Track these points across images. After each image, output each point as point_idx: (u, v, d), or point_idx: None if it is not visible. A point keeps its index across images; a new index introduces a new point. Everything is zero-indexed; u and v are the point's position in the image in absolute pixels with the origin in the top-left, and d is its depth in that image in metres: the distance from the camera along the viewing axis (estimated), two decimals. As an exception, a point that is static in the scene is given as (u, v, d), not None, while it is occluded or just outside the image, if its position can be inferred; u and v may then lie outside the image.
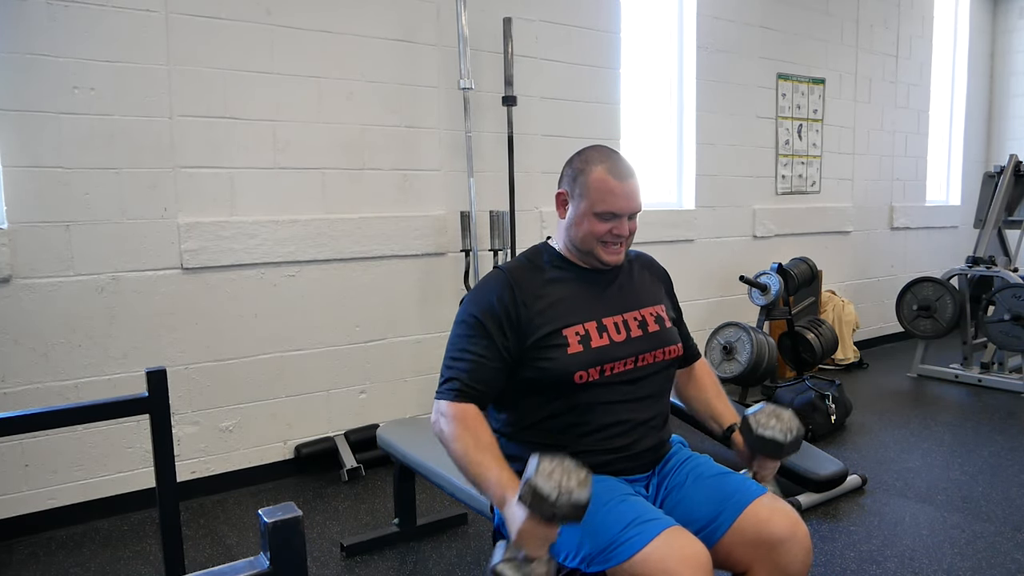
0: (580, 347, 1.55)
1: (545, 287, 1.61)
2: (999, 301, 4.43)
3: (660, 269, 1.85)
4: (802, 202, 5.19)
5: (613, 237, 1.61)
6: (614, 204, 1.58)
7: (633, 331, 1.63)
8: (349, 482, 3.18)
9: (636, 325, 1.64)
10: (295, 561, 0.91)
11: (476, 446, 1.45)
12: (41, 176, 2.66)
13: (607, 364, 1.56)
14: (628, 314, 1.65)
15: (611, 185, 1.58)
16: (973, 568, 2.42)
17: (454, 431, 1.48)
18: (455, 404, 1.53)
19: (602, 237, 1.60)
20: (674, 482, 1.62)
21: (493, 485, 1.40)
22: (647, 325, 1.65)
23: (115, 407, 1.78)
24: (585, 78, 3.97)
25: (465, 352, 1.56)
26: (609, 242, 1.62)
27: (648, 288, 1.75)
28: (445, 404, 1.54)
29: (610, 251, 1.63)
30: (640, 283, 1.74)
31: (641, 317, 1.66)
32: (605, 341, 1.58)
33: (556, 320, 1.57)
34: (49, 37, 2.63)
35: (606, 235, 1.60)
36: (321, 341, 3.28)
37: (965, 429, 3.83)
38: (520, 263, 1.68)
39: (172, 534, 1.72)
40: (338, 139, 3.24)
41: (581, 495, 1.24)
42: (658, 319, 1.68)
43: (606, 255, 1.62)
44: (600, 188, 1.58)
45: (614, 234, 1.60)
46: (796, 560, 1.45)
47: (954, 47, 6.48)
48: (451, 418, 1.50)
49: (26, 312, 2.67)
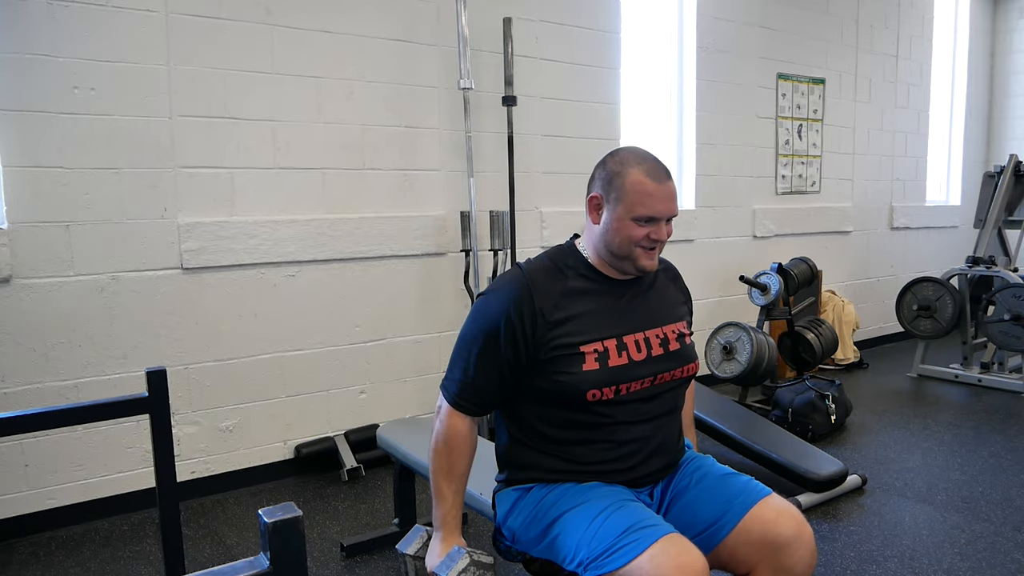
0: (596, 364, 1.52)
1: (566, 298, 1.55)
2: (999, 301, 4.43)
3: (684, 285, 1.80)
4: (802, 202, 5.19)
5: (650, 242, 1.55)
6: (653, 207, 1.52)
7: (654, 350, 1.59)
8: (349, 482, 3.18)
9: (658, 343, 1.60)
10: (295, 561, 0.91)
11: (448, 474, 1.58)
12: (41, 176, 2.66)
13: (623, 384, 1.53)
14: (651, 331, 1.60)
15: (650, 188, 1.51)
16: (973, 568, 2.42)
17: (438, 447, 1.58)
18: (452, 414, 1.58)
19: (640, 242, 1.54)
20: (680, 486, 1.62)
21: (439, 516, 1.58)
22: (668, 343, 1.62)
23: (115, 407, 1.78)
24: (585, 78, 3.97)
25: (468, 364, 1.55)
26: (647, 247, 1.56)
27: (672, 304, 1.71)
28: (445, 407, 1.59)
29: (648, 256, 1.57)
30: (665, 297, 1.70)
31: (663, 335, 1.62)
32: (624, 360, 1.54)
33: (574, 335, 1.52)
34: (49, 37, 2.63)
35: (644, 240, 1.54)
36: (321, 341, 3.28)
37: (965, 429, 3.83)
38: (543, 264, 1.60)
39: (172, 534, 1.72)
40: (338, 139, 3.24)
41: None
42: (679, 337, 1.65)
43: (644, 260, 1.57)
44: (639, 191, 1.51)
45: (652, 239, 1.55)
46: (801, 561, 1.45)
47: (954, 47, 6.48)
48: (442, 432, 1.58)
49: (26, 312, 2.67)
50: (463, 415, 1.57)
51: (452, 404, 1.57)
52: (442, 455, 1.57)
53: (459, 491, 1.59)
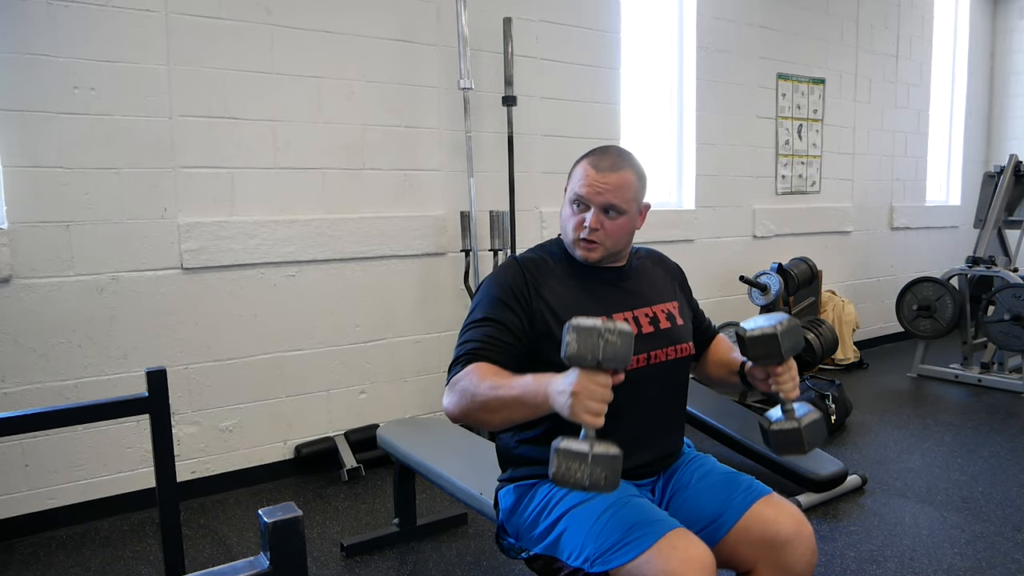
0: None
1: (554, 280, 1.59)
2: (999, 301, 4.43)
3: (672, 265, 1.82)
4: (802, 202, 5.19)
5: (580, 229, 1.56)
6: (584, 189, 1.55)
7: (644, 327, 1.60)
8: (349, 482, 3.18)
9: (648, 322, 1.61)
10: (295, 561, 0.91)
11: (497, 384, 1.36)
12: (41, 176, 2.66)
13: None
14: (640, 310, 1.62)
15: (587, 173, 1.56)
16: (973, 568, 2.42)
17: (472, 379, 1.39)
18: (464, 367, 1.45)
19: (573, 226, 1.58)
20: (680, 483, 1.62)
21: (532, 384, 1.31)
22: (659, 322, 1.62)
23: (115, 407, 1.78)
24: (585, 78, 3.97)
25: (484, 321, 1.51)
26: (580, 237, 1.57)
27: (661, 285, 1.72)
28: (460, 369, 1.45)
29: (583, 246, 1.57)
30: (652, 280, 1.71)
31: (653, 314, 1.63)
32: None
33: (563, 313, 1.52)
34: (49, 37, 2.63)
35: (575, 225, 1.57)
36: (321, 341, 3.28)
37: (965, 429, 3.83)
38: (533, 254, 1.67)
39: (172, 534, 1.72)
40: (338, 139, 3.24)
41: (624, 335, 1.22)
42: (670, 316, 1.65)
43: (579, 249, 1.59)
44: (578, 176, 1.59)
45: (582, 225, 1.56)
46: (802, 560, 1.46)
47: (954, 47, 6.48)
48: (463, 375, 1.42)
49: (26, 312, 2.67)
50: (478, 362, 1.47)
51: (473, 353, 1.46)
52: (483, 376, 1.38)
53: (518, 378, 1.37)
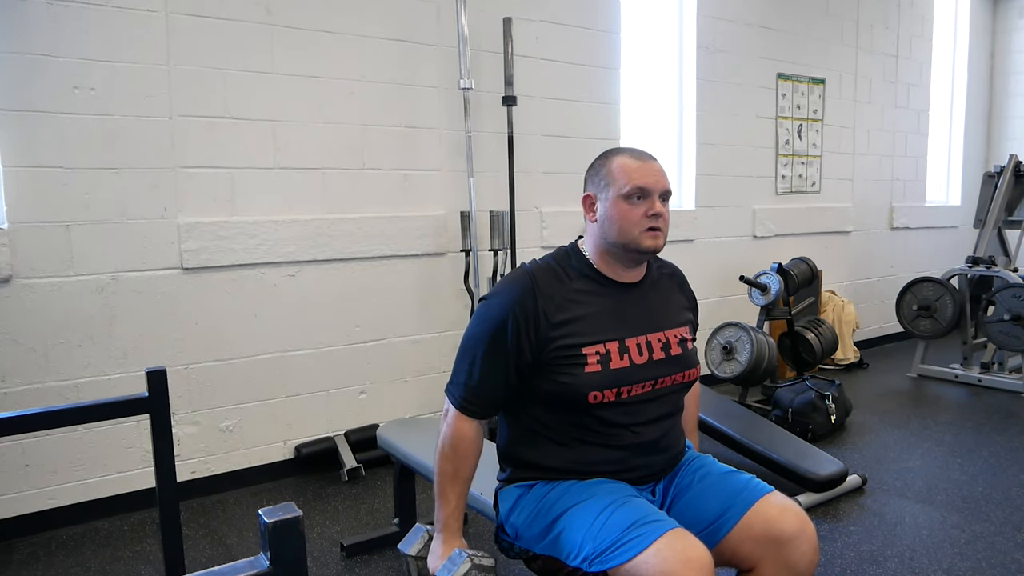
0: (598, 367, 1.51)
1: (569, 299, 1.55)
2: (999, 301, 4.42)
3: (690, 291, 1.79)
4: (802, 202, 5.19)
5: (651, 220, 1.53)
6: (642, 179, 1.53)
7: (656, 353, 1.58)
8: (349, 482, 3.18)
9: (660, 347, 1.59)
10: (295, 561, 0.91)
11: (453, 477, 1.58)
12: (41, 176, 2.66)
13: (624, 387, 1.53)
14: (653, 335, 1.60)
15: (635, 165, 1.55)
16: (973, 568, 2.42)
17: (444, 451, 1.59)
18: (459, 418, 1.58)
19: (639, 222, 1.53)
20: (682, 484, 1.62)
21: (442, 519, 1.59)
22: (670, 348, 1.61)
23: (115, 407, 1.78)
24: (585, 78, 3.97)
25: (473, 367, 1.56)
26: (648, 228, 1.53)
27: (676, 308, 1.70)
28: (452, 411, 1.59)
29: (652, 236, 1.54)
30: (669, 301, 1.69)
31: (665, 339, 1.61)
32: (625, 363, 1.54)
33: (577, 336, 1.52)
34: (49, 37, 2.63)
35: (642, 219, 1.53)
36: (321, 341, 3.28)
37: (965, 429, 3.83)
38: (547, 266, 1.61)
39: (172, 534, 1.72)
40: (338, 139, 3.24)
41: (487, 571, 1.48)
42: (682, 342, 1.64)
43: (648, 240, 1.54)
44: (624, 170, 1.54)
45: (650, 215, 1.53)
46: (804, 558, 1.46)
47: (954, 47, 6.48)
48: (449, 436, 1.58)
49: (26, 312, 2.67)
50: (470, 419, 1.58)
51: (459, 408, 1.57)
52: (448, 459, 1.58)
53: (462, 494, 1.60)
